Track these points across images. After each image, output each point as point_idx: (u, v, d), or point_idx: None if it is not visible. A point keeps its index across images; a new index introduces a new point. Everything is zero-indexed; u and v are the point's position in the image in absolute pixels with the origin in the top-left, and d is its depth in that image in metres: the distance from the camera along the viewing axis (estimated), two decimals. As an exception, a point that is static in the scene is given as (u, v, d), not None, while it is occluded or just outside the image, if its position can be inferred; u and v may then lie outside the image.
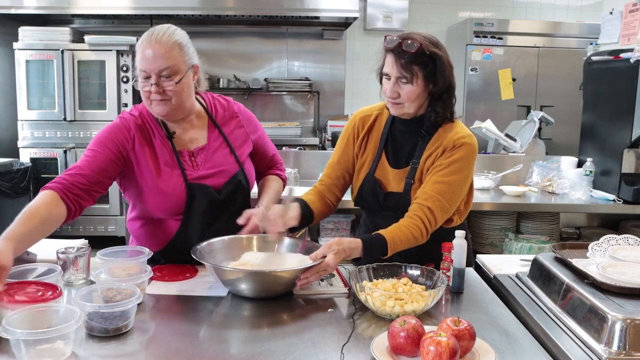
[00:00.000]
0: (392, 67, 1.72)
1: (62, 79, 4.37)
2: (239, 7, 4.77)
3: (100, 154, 1.72)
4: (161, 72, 1.69)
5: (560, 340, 1.32)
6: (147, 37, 1.72)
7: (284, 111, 5.55)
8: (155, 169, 1.76)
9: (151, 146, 1.78)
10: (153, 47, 1.69)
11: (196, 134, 1.85)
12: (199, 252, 1.64)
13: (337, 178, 1.94)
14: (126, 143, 1.76)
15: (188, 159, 1.82)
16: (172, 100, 1.72)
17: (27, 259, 1.67)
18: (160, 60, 1.68)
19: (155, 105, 1.74)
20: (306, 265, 1.57)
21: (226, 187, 1.82)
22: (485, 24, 5.17)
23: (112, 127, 1.80)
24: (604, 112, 3.43)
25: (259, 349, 1.30)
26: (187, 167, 1.79)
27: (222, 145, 1.87)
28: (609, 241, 1.59)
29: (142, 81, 1.72)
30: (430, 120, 1.79)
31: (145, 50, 1.69)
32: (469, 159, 1.79)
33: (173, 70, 1.70)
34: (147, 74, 1.70)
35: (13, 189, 3.91)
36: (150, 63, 1.68)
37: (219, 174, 1.82)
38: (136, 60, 1.73)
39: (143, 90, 1.73)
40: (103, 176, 1.71)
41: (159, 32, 1.72)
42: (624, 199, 3.21)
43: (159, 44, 1.69)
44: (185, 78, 1.73)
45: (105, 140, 1.75)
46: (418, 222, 1.71)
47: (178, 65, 1.71)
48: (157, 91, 1.69)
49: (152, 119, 1.82)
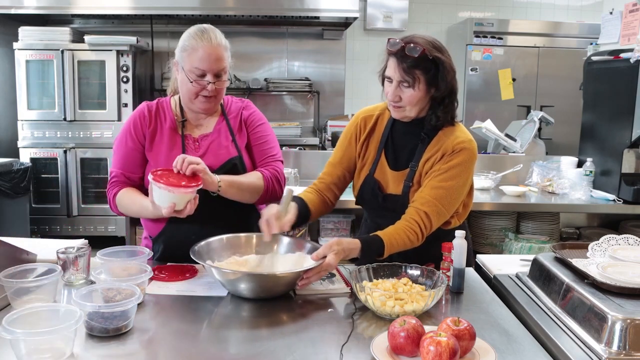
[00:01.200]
0: (394, 71, 1.72)
1: (62, 79, 4.37)
2: (239, 7, 4.76)
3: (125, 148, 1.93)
4: (219, 72, 1.83)
5: (560, 340, 1.32)
6: (203, 38, 1.82)
7: (284, 111, 5.54)
8: (160, 149, 1.90)
9: (161, 130, 1.93)
10: (215, 48, 1.81)
11: (206, 123, 1.97)
12: (198, 252, 1.64)
13: (337, 177, 1.94)
14: (141, 129, 1.92)
15: (192, 142, 1.93)
16: (217, 97, 1.87)
17: (27, 259, 1.66)
18: (220, 61, 1.82)
19: (201, 102, 1.86)
20: (306, 267, 1.57)
21: (221, 168, 1.89)
22: (485, 24, 5.17)
23: (130, 120, 1.96)
24: (604, 112, 3.43)
25: (258, 349, 1.30)
26: (188, 149, 1.91)
27: (225, 133, 1.96)
28: (609, 241, 1.60)
29: (195, 79, 1.81)
30: (431, 123, 1.79)
31: (206, 50, 1.80)
32: (468, 164, 1.79)
33: (225, 70, 1.86)
34: (204, 73, 1.81)
35: (13, 189, 3.91)
36: (211, 63, 1.80)
37: (217, 156, 1.91)
38: (187, 59, 1.81)
39: (193, 86, 1.83)
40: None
41: (212, 33, 1.84)
42: (624, 199, 3.21)
43: (218, 46, 1.83)
44: (228, 77, 1.89)
45: (125, 133, 1.94)
46: (414, 225, 1.71)
47: (227, 66, 1.87)
48: (212, 89, 1.82)
49: (167, 107, 1.96)
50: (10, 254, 1.60)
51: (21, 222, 4.11)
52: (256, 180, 1.90)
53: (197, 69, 1.80)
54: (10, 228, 3.84)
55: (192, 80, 1.81)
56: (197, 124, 1.96)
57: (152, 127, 1.92)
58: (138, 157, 1.91)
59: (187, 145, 1.91)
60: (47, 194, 4.44)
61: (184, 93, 1.87)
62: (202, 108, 1.89)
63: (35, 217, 4.39)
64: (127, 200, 1.88)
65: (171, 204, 1.64)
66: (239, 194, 1.85)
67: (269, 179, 1.92)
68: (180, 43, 1.85)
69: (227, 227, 1.82)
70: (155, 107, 1.96)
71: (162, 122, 1.94)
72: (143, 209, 1.83)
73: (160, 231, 1.92)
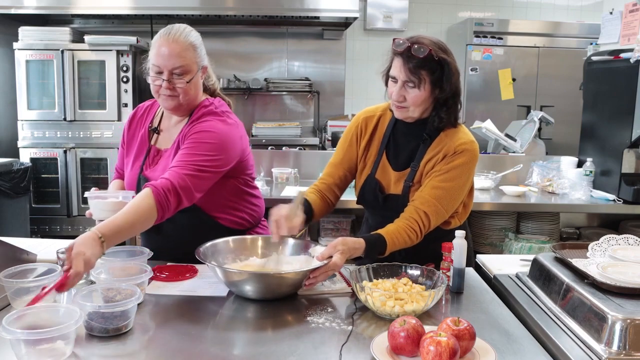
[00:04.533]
0: (399, 71, 1.71)
1: (62, 79, 4.37)
2: (239, 7, 4.76)
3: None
4: (174, 69, 1.77)
5: (560, 340, 1.32)
6: (164, 35, 1.78)
7: (284, 111, 5.54)
8: (130, 156, 1.94)
9: (136, 135, 1.95)
10: (170, 45, 1.76)
11: (171, 136, 1.89)
12: (203, 253, 1.64)
13: (339, 178, 1.94)
14: (127, 130, 1.99)
15: (153, 155, 1.90)
16: (180, 97, 1.80)
17: (27, 259, 1.66)
18: (174, 59, 1.76)
19: (163, 100, 1.83)
20: (312, 266, 1.57)
21: None
22: (485, 24, 5.16)
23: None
24: (604, 112, 3.43)
25: (259, 349, 1.30)
26: (147, 163, 1.90)
27: (177, 150, 1.81)
28: (609, 241, 1.59)
29: (153, 75, 1.80)
30: (434, 125, 1.79)
31: (162, 47, 1.76)
32: (469, 165, 1.79)
33: (185, 70, 1.77)
34: (160, 70, 1.78)
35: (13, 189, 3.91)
36: (164, 60, 1.76)
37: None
38: (150, 55, 1.80)
39: (154, 84, 1.81)
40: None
41: (176, 31, 1.79)
42: (624, 199, 3.21)
43: (175, 43, 1.76)
44: (195, 78, 1.81)
45: (122, 132, 2.01)
46: (414, 224, 1.72)
47: (190, 65, 1.79)
48: (167, 87, 1.77)
49: (152, 112, 1.97)
50: (10, 254, 1.60)
51: (21, 222, 4.10)
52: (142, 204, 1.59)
53: (153, 65, 1.79)
54: (10, 228, 3.83)
55: (150, 76, 1.80)
56: (169, 136, 1.90)
57: (131, 131, 1.97)
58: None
59: (147, 158, 1.90)
60: (47, 194, 4.44)
61: (152, 91, 1.86)
62: (164, 106, 1.86)
63: (35, 217, 4.39)
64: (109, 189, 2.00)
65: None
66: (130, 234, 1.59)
67: (160, 193, 1.61)
68: None
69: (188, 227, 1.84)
70: (143, 111, 1.99)
71: (140, 128, 1.96)
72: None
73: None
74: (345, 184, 1.97)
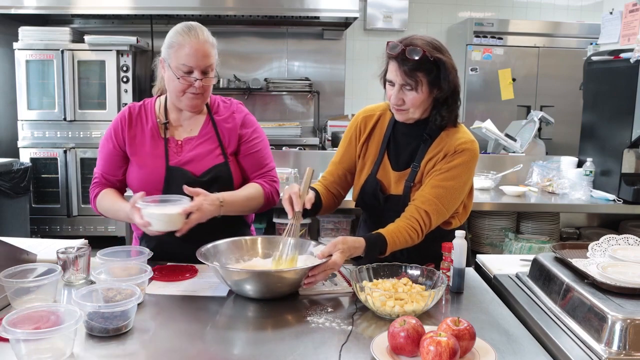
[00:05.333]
0: (395, 75, 1.71)
1: (62, 79, 4.37)
2: (239, 7, 4.77)
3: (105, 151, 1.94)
4: (206, 68, 1.82)
5: (560, 340, 1.32)
6: (191, 35, 1.81)
7: (284, 111, 5.55)
8: (143, 152, 1.90)
9: (142, 132, 1.92)
10: (202, 45, 1.80)
11: (190, 125, 1.94)
12: (204, 253, 1.64)
13: (338, 176, 1.95)
14: (121, 133, 1.92)
15: (174, 146, 1.91)
16: (204, 94, 1.86)
17: (27, 259, 1.66)
18: (207, 58, 1.81)
19: (189, 99, 1.85)
20: (311, 264, 1.57)
21: (205, 175, 1.87)
22: (485, 24, 5.17)
23: (113, 121, 1.96)
24: (604, 112, 3.43)
25: (258, 349, 1.30)
26: (171, 154, 1.89)
27: (211, 138, 1.92)
28: (609, 241, 1.59)
29: (182, 75, 1.80)
30: (436, 123, 1.78)
31: (192, 47, 1.79)
32: (469, 164, 1.79)
33: (212, 67, 1.85)
34: (191, 69, 1.80)
35: (13, 189, 3.91)
36: (197, 60, 1.79)
37: (201, 162, 1.89)
38: (174, 55, 1.80)
39: (180, 83, 1.81)
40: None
41: (201, 30, 1.83)
42: (624, 199, 3.21)
43: (205, 42, 1.81)
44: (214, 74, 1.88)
45: (107, 136, 1.94)
46: (415, 224, 1.72)
47: (214, 63, 1.86)
48: (199, 86, 1.81)
49: (151, 108, 1.95)
50: (10, 254, 1.60)
51: (21, 222, 4.11)
52: (256, 195, 1.90)
53: (184, 65, 1.79)
54: (10, 228, 3.84)
55: (179, 77, 1.80)
56: (180, 125, 1.94)
57: (132, 131, 1.92)
58: (118, 160, 1.92)
59: (169, 149, 1.89)
60: (47, 194, 4.45)
61: (171, 90, 1.86)
62: (189, 105, 1.87)
63: (35, 217, 4.39)
64: (106, 202, 1.90)
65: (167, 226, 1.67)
66: (239, 211, 1.88)
67: (269, 193, 1.94)
68: (166, 40, 1.84)
69: (208, 229, 1.78)
70: (138, 110, 1.95)
71: (144, 125, 1.92)
72: (119, 212, 1.84)
73: (143, 232, 1.87)
74: (347, 183, 1.97)
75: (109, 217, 1.98)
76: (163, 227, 1.67)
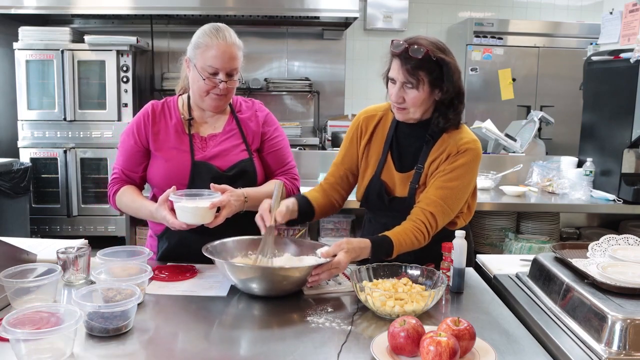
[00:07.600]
0: (397, 72, 1.71)
1: (62, 79, 4.37)
2: (239, 7, 4.76)
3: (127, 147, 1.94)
4: (231, 71, 1.84)
5: (560, 340, 1.32)
6: (218, 35, 1.82)
7: (284, 111, 5.54)
8: (168, 148, 1.89)
9: (166, 129, 1.92)
10: (229, 47, 1.82)
11: (215, 123, 1.97)
12: (210, 251, 1.65)
13: (340, 177, 1.95)
14: (144, 129, 1.91)
15: (199, 142, 1.93)
16: (227, 95, 1.88)
17: (27, 259, 1.66)
18: (233, 61, 1.83)
19: (212, 100, 1.87)
20: (316, 262, 1.57)
21: (231, 170, 1.89)
22: (485, 24, 5.17)
23: (135, 118, 1.97)
24: (604, 112, 3.43)
25: (258, 349, 1.30)
26: (196, 149, 1.91)
27: (235, 135, 1.95)
28: (609, 241, 1.59)
29: (207, 76, 1.82)
30: (439, 125, 1.78)
31: (220, 48, 1.80)
32: (473, 165, 1.79)
33: (237, 70, 1.86)
34: (217, 71, 1.82)
35: (13, 189, 3.91)
36: (224, 62, 1.81)
37: (226, 157, 1.91)
38: (201, 57, 1.82)
39: (205, 84, 1.83)
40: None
41: (228, 32, 1.84)
42: (624, 199, 3.21)
43: (233, 45, 1.83)
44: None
45: (129, 132, 1.94)
46: (421, 226, 1.72)
47: (239, 65, 1.87)
48: (224, 87, 1.83)
49: (174, 106, 1.95)
50: (10, 254, 1.60)
51: (21, 222, 4.11)
52: (278, 189, 1.91)
53: (210, 66, 1.80)
54: (10, 228, 3.84)
55: (204, 78, 1.81)
56: (204, 122, 1.96)
57: (156, 127, 1.91)
58: (139, 156, 1.92)
59: (194, 145, 1.90)
60: (47, 194, 4.44)
61: (195, 90, 1.87)
62: (212, 106, 1.89)
63: (35, 217, 4.39)
64: (126, 198, 1.90)
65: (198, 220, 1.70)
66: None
67: (290, 191, 1.97)
68: (193, 40, 1.85)
69: (232, 224, 1.80)
70: (161, 107, 1.95)
71: (168, 122, 1.93)
72: (141, 209, 1.85)
73: (165, 229, 1.91)
74: (349, 183, 1.96)
75: (128, 214, 2.02)
76: (195, 220, 1.70)
